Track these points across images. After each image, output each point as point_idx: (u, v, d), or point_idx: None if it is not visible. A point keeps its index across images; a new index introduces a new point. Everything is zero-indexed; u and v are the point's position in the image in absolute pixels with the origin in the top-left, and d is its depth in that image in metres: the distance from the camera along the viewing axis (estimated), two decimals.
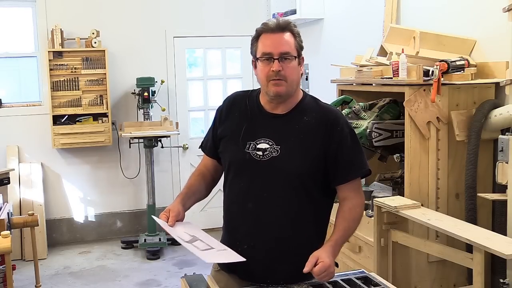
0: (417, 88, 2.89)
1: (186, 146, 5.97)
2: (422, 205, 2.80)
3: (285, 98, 1.92)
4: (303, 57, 1.96)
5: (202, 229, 1.98)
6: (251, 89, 2.10)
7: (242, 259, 1.79)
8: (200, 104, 6.11)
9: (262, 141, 1.92)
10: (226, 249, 1.87)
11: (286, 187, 1.90)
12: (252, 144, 1.93)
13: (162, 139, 5.48)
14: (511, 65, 2.86)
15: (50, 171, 5.64)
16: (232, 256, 1.82)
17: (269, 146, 1.91)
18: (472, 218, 2.83)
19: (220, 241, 2.10)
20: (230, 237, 2.02)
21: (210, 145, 2.09)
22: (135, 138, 5.41)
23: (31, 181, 5.34)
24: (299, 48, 1.93)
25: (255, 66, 1.95)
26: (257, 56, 1.91)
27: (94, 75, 5.48)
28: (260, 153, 1.91)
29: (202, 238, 1.88)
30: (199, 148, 2.17)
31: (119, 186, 5.85)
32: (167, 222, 1.89)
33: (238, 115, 2.01)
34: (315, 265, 1.78)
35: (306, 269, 1.77)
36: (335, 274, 2.00)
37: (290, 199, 1.90)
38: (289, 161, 1.88)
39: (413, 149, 2.92)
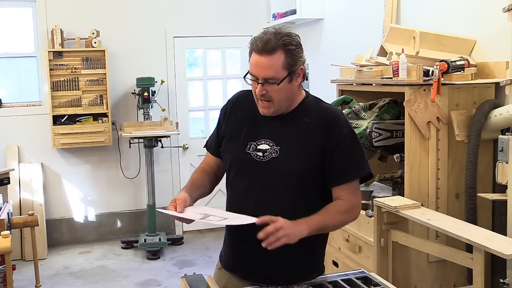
0: (417, 88, 2.89)
1: (186, 146, 5.97)
2: (422, 205, 2.81)
3: (277, 114, 1.91)
4: (301, 67, 1.87)
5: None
6: None
7: (254, 219, 1.75)
8: (200, 104, 6.11)
9: (263, 142, 1.92)
10: (240, 216, 1.84)
11: (286, 188, 1.89)
12: (253, 145, 1.92)
13: (162, 139, 5.48)
14: (511, 65, 2.86)
15: (50, 171, 5.64)
16: (246, 219, 1.79)
17: (269, 147, 1.90)
18: (472, 218, 2.83)
19: (223, 241, 2.10)
20: (230, 236, 2.03)
21: (215, 143, 2.08)
22: (135, 138, 5.41)
23: (31, 181, 5.34)
24: (290, 66, 1.83)
25: None
26: (248, 72, 1.89)
27: (94, 75, 5.48)
28: (260, 154, 1.91)
29: (214, 214, 1.86)
30: (204, 147, 2.17)
31: (119, 186, 5.85)
32: (176, 211, 1.84)
33: (240, 115, 2.01)
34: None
35: (258, 221, 1.72)
36: (335, 274, 2.00)
37: (289, 200, 1.89)
38: (287, 162, 1.87)
39: (413, 149, 2.92)
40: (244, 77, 1.91)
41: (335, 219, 1.90)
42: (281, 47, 1.80)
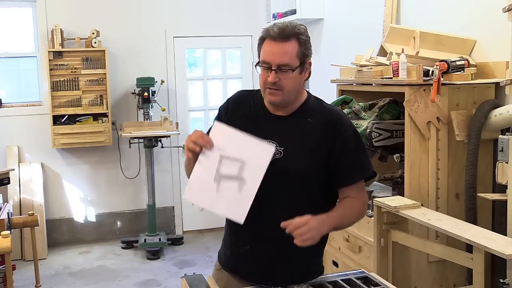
0: (417, 88, 2.89)
1: None
2: (422, 205, 2.80)
3: (282, 106, 1.91)
4: (310, 62, 1.89)
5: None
6: (256, 88, 2.08)
7: (272, 148, 1.77)
8: (200, 104, 6.11)
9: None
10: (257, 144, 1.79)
11: (289, 189, 1.88)
12: None
13: (162, 139, 5.48)
14: (511, 65, 2.86)
15: (50, 171, 5.64)
16: (263, 147, 1.78)
17: None
18: (472, 218, 2.83)
19: (222, 242, 2.09)
20: (232, 237, 2.01)
21: None
22: (135, 138, 5.41)
23: (31, 181, 5.34)
24: (303, 56, 1.85)
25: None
26: (259, 61, 1.87)
27: (94, 75, 5.48)
28: None
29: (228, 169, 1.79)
30: None
31: (119, 186, 5.85)
32: (202, 147, 1.79)
33: (241, 115, 1.99)
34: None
35: (284, 223, 1.72)
36: (335, 274, 2.00)
37: (293, 201, 1.88)
38: (293, 163, 1.86)
39: (413, 149, 2.92)
40: (256, 65, 1.88)
41: (350, 219, 1.92)
42: (296, 35, 1.83)
